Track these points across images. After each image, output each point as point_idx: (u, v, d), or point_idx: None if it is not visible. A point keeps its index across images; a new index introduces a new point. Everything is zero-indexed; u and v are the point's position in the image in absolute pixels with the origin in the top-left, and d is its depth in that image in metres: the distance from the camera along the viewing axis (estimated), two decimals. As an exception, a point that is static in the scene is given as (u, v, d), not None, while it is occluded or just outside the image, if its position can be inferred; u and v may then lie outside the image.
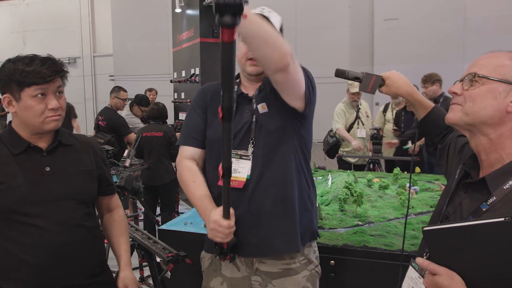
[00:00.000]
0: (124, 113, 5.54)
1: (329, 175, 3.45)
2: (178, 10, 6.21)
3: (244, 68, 1.65)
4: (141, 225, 4.53)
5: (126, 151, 3.72)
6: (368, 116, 5.28)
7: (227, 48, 0.90)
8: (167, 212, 4.63)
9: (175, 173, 4.69)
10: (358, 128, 5.09)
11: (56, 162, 1.57)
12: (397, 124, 5.16)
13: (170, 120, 6.45)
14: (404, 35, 10.18)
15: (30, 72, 1.44)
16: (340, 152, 5.09)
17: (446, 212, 1.20)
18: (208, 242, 1.74)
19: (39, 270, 1.49)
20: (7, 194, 1.47)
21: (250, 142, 1.62)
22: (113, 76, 13.90)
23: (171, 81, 6.47)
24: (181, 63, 6.27)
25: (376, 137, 4.85)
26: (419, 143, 3.96)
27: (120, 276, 1.72)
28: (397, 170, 3.59)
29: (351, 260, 2.11)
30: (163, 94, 7.92)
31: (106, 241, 1.84)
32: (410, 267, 1.22)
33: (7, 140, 1.54)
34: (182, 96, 6.20)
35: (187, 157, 1.71)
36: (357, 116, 5.11)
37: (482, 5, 9.56)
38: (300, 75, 1.48)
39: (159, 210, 4.79)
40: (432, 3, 9.86)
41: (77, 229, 1.57)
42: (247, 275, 1.68)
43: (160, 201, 4.70)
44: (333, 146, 5.08)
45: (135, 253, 2.33)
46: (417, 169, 4.08)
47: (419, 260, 1.07)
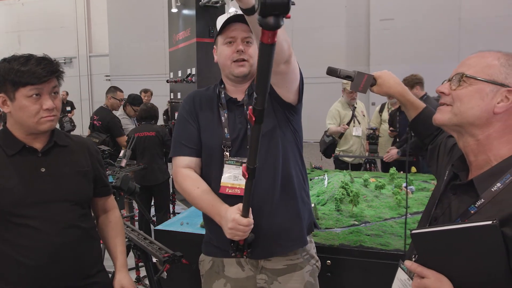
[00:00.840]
0: (118, 114, 5.54)
1: (325, 175, 3.45)
2: (174, 10, 6.19)
3: (231, 71, 1.62)
4: (136, 226, 4.52)
5: (122, 152, 3.71)
6: (364, 116, 5.29)
7: (267, 50, 0.86)
8: (162, 213, 4.61)
9: (169, 173, 4.72)
10: (354, 127, 5.10)
11: (52, 163, 1.56)
12: (392, 125, 5.17)
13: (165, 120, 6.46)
14: (400, 35, 10.22)
15: (25, 72, 1.43)
16: (337, 152, 5.10)
17: (435, 214, 1.20)
18: (208, 245, 1.74)
19: (35, 272, 1.48)
20: (2, 196, 1.46)
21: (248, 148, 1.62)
22: (109, 76, 13.88)
23: (167, 81, 6.46)
24: (178, 63, 6.26)
25: (372, 137, 4.86)
26: None
27: (116, 278, 1.72)
28: (393, 170, 3.59)
29: (347, 260, 2.11)
30: (159, 94, 7.91)
31: (102, 242, 1.84)
32: (399, 269, 1.22)
33: (2, 141, 1.53)
34: (179, 96, 6.19)
35: (184, 167, 1.68)
36: (353, 115, 5.12)
37: (477, 6, 9.62)
38: (297, 65, 1.51)
39: (154, 211, 4.78)
40: (428, 4, 9.91)
41: (73, 230, 1.56)
42: (252, 275, 1.68)
43: (154, 201, 4.68)
44: (330, 146, 5.09)
45: (131, 254, 2.33)
46: (413, 169, 4.09)
47: (408, 263, 1.07)
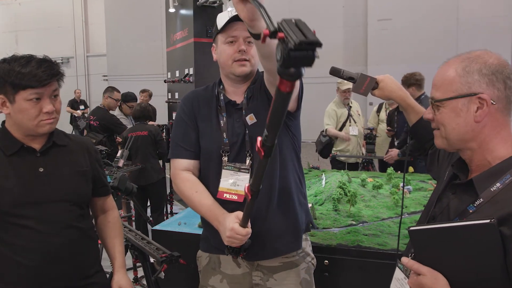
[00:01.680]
0: (115, 113, 5.55)
1: (323, 175, 3.45)
2: (172, 10, 6.19)
3: (232, 70, 1.61)
4: (133, 226, 4.51)
5: (120, 152, 3.71)
6: (360, 115, 5.30)
7: (284, 97, 0.84)
8: (158, 213, 4.60)
9: (163, 172, 4.71)
10: (351, 126, 5.11)
11: (50, 163, 1.55)
12: (390, 124, 5.18)
13: (164, 120, 6.45)
14: (398, 36, 10.22)
15: (26, 75, 1.41)
16: (334, 152, 5.10)
17: (433, 213, 1.20)
18: (205, 242, 1.75)
19: (33, 272, 1.48)
20: (0, 196, 1.45)
21: (247, 155, 1.62)
22: (107, 76, 13.84)
23: (165, 81, 6.46)
24: (175, 63, 6.26)
25: (370, 137, 4.86)
26: None
27: (114, 278, 1.72)
28: (391, 170, 3.60)
29: (345, 260, 2.12)
30: (157, 94, 7.89)
31: (100, 242, 1.83)
32: (397, 268, 1.22)
33: (1, 141, 1.53)
34: (176, 96, 6.19)
35: (182, 170, 1.68)
36: (349, 115, 5.13)
37: (475, 6, 9.63)
38: None
39: (149, 211, 4.76)
40: (425, 4, 9.92)
41: (71, 231, 1.56)
42: (248, 272, 1.70)
43: (150, 202, 4.67)
44: (326, 146, 5.10)
45: (129, 254, 2.32)
46: (411, 169, 4.09)
47: (404, 260, 1.07)
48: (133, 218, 4.65)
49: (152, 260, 2.21)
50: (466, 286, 0.97)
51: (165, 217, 5.12)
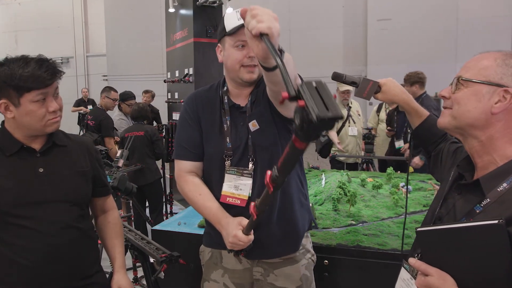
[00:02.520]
0: (115, 114, 5.58)
1: (323, 175, 3.45)
2: (172, 10, 6.18)
3: (239, 75, 1.57)
4: (133, 226, 4.50)
5: (119, 152, 3.71)
6: (360, 115, 5.30)
7: (298, 153, 0.86)
8: (156, 213, 4.59)
9: (160, 173, 4.69)
10: (350, 126, 5.11)
11: (50, 163, 1.55)
12: (390, 124, 5.19)
13: (164, 120, 6.45)
14: (397, 35, 10.23)
15: (29, 77, 1.41)
16: (333, 152, 5.10)
17: (439, 214, 1.20)
18: (208, 237, 1.77)
19: (32, 272, 1.48)
20: (0, 196, 1.45)
21: (250, 159, 1.62)
22: (106, 76, 13.84)
23: (165, 81, 6.45)
24: (175, 63, 6.25)
25: (368, 137, 4.87)
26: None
27: (114, 279, 1.72)
28: (391, 170, 3.59)
29: (345, 260, 2.12)
30: (157, 94, 7.90)
31: (100, 242, 1.83)
32: (402, 268, 1.22)
33: (0, 141, 1.52)
34: (176, 96, 6.18)
35: (187, 172, 1.70)
36: (348, 115, 5.13)
37: (475, 6, 9.64)
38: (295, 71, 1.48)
39: (148, 212, 4.74)
40: (425, 4, 9.93)
41: (71, 231, 1.55)
42: (249, 267, 1.72)
43: (148, 202, 4.65)
44: (325, 145, 5.09)
45: (129, 254, 2.32)
46: (411, 169, 4.09)
47: (411, 261, 1.07)
48: (132, 218, 4.65)
49: (152, 260, 2.21)
50: (474, 286, 0.96)
51: (165, 217, 5.12)
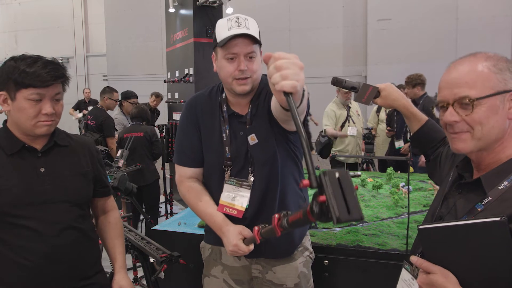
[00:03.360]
0: (115, 113, 5.59)
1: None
2: (172, 10, 6.18)
3: (232, 88, 1.56)
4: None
5: (119, 152, 3.71)
6: (359, 115, 5.30)
7: (309, 222, 0.91)
8: (151, 214, 4.56)
9: (158, 174, 4.68)
10: (349, 127, 5.12)
11: (51, 163, 1.55)
12: (390, 124, 5.19)
13: (165, 120, 6.45)
14: (397, 36, 10.22)
15: (30, 74, 1.42)
16: (333, 152, 5.11)
17: (440, 213, 1.20)
18: (208, 234, 1.79)
19: (33, 273, 1.48)
20: (1, 196, 1.45)
21: (250, 171, 1.63)
22: (107, 76, 13.84)
23: (165, 81, 6.45)
24: (175, 63, 6.25)
25: (368, 137, 4.87)
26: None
27: (115, 279, 1.72)
28: (391, 170, 3.60)
29: (345, 260, 2.12)
30: (157, 94, 7.88)
31: (100, 242, 1.83)
32: (403, 269, 1.22)
33: (2, 140, 1.52)
34: (176, 96, 6.18)
35: (187, 177, 1.72)
36: (348, 115, 5.13)
37: (474, 6, 9.63)
38: (306, 102, 1.40)
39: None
40: (425, 4, 9.92)
41: (71, 231, 1.55)
42: (248, 264, 1.74)
43: (144, 203, 4.58)
44: (325, 146, 5.10)
45: (129, 254, 2.32)
46: (411, 169, 4.09)
47: (414, 258, 1.07)
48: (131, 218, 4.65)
49: (152, 260, 2.21)
50: (476, 284, 0.96)
51: (165, 217, 5.11)
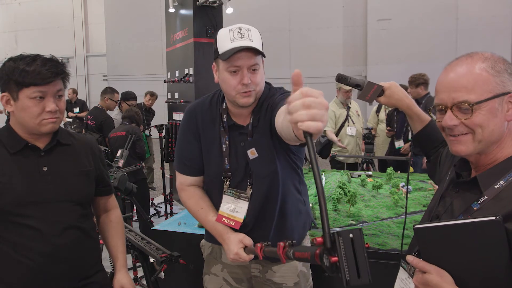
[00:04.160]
0: (114, 113, 5.61)
1: (323, 175, 3.46)
2: (172, 10, 6.18)
3: (235, 100, 1.53)
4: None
5: (119, 152, 3.70)
6: (359, 115, 5.30)
7: (315, 262, 0.89)
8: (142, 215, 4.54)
9: (144, 174, 4.63)
10: (349, 127, 5.11)
11: (54, 162, 1.55)
12: (390, 124, 5.19)
13: (164, 120, 6.45)
14: (397, 36, 10.23)
15: (30, 72, 1.42)
16: (333, 152, 5.11)
17: (437, 212, 1.20)
18: (208, 233, 1.78)
19: (34, 272, 1.48)
20: (3, 194, 1.45)
21: (248, 183, 1.62)
22: (106, 76, 13.85)
23: (165, 81, 6.45)
24: (175, 63, 6.25)
25: (368, 137, 4.87)
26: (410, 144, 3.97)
27: (116, 278, 1.72)
28: (391, 170, 3.60)
29: (345, 260, 2.12)
30: (157, 94, 7.90)
31: (101, 242, 1.83)
32: (401, 268, 1.22)
33: (5, 139, 1.52)
34: (176, 96, 6.18)
35: (188, 185, 1.73)
36: (347, 115, 5.13)
37: (474, 6, 9.64)
38: None
39: (136, 214, 4.64)
40: (425, 4, 9.93)
41: (73, 231, 1.55)
42: (247, 264, 1.74)
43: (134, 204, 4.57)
44: (325, 146, 5.10)
45: (129, 254, 2.32)
46: (411, 169, 4.10)
47: (409, 258, 1.07)
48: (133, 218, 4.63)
49: (152, 260, 2.21)
50: (472, 283, 0.97)
51: (165, 217, 5.11)
